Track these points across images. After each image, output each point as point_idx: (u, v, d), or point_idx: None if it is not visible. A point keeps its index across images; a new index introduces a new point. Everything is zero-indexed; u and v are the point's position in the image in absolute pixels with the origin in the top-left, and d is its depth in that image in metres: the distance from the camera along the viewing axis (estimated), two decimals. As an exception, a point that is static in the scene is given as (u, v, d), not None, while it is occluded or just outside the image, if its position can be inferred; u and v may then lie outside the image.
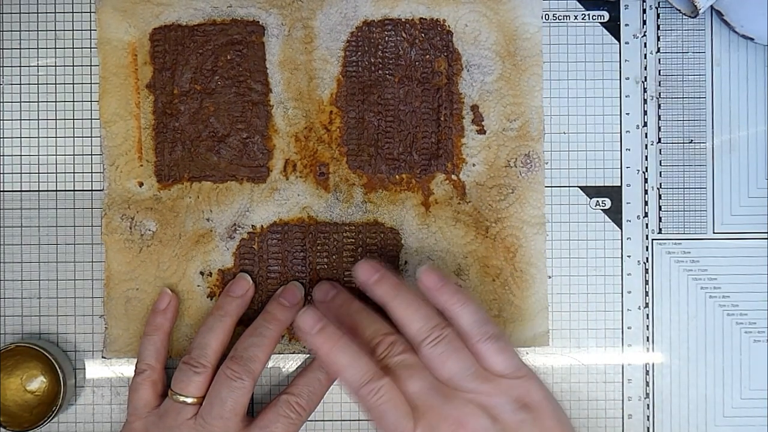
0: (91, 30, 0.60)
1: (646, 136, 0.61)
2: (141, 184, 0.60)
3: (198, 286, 0.60)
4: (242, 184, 0.60)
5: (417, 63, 0.60)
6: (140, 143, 0.60)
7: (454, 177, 0.60)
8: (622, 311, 0.61)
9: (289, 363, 0.61)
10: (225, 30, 0.60)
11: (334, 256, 0.60)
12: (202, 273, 0.60)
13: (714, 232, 0.61)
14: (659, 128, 0.61)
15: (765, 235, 0.61)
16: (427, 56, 0.60)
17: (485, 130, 0.60)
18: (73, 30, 0.61)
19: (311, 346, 0.52)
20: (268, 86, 0.60)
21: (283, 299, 0.58)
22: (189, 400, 0.55)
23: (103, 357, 0.60)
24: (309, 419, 0.60)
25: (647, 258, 0.61)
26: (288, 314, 0.58)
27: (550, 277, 0.60)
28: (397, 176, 0.60)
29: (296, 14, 0.60)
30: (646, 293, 0.61)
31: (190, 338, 0.59)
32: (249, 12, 0.60)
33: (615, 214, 0.61)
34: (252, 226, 0.60)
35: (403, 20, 0.60)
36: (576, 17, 0.61)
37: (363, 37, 0.60)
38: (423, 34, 0.60)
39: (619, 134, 0.61)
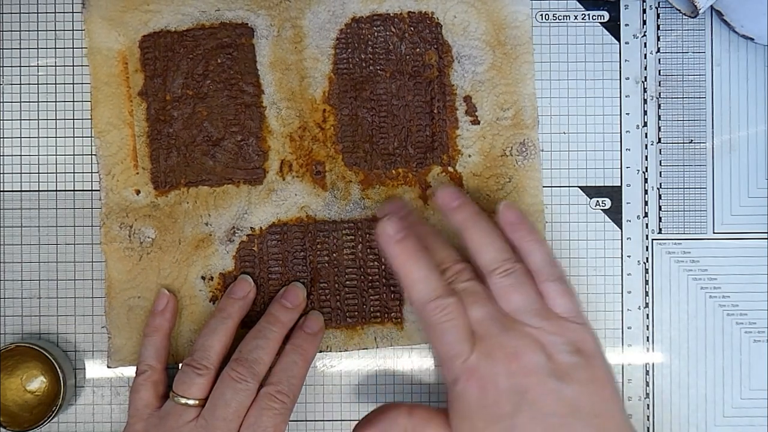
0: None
1: (646, 136, 0.61)
2: (138, 192, 0.60)
3: (200, 290, 0.60)
4: (239, 186, 0.60)
5: (407, 57, 0.60)
6: (135, 151, 0.60)
7: (450, 169, 0.60)
8: (622, 311, 0.61)
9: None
10: (214, 34, 0.60)
11: (334, 254, 0.60)
12: (203, 277, 0.60)
13: (714, 232, 0.61)
14: (659, 128, 0.61)
15: (765, 235, 0.61)
16: (417, 50, 0.60)
17: (479, 121, 0.60)
18: (73, 30, 0.60)
19: (389, 253, 0.53)
20: (260, 88, 0.60)
21: (285, 301, 0.58)
22: (191, 402, 0.55)
23: (108, 367, 0.60)
24: (309, 419, 0.60)
25: (647, 258, 0.61)
26: (290, 315, 0.58)
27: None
28: (393, 171, 0.60)
29: (284, 14, 0.60)
30: (646, 293, 0.61)
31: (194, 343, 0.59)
32: (237, 14, 0.60)
33: (615, 214, 0.61)
34: (251, 228, 0.60)
35: (391, 15, 0.60)
36: (576, 17, 0.61)
37: (352, 34, 0.60)
38: (412, 28, 0.60)
39: (619, 134, 0.61)
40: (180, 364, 0.59)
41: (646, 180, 0.61)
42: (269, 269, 0.60)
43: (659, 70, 0.61)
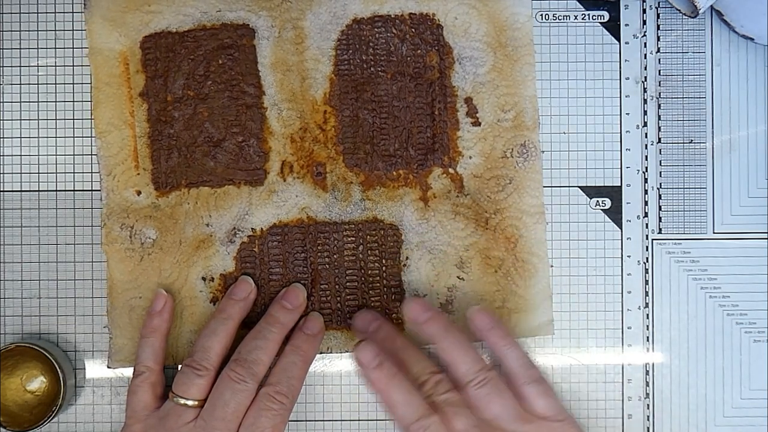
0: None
1: (646, 136, 0.61)
2: (139, 193, 0.60)
3: (200, 291, 0.60)
4: (240, 187, 0.60)
5: (408, 58, 0.60)
6: (136, 152, 0.60)
7: (451, 170, 0.60)
8: (622, 311, 0.61)
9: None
10: (215, 35, 0.60)
11: (335, 256, 0.60)
12: (204, 278, 0.60)
13: (714, 232, 0.61)
14: (659, 128, 0.61)
15: (765, 235, 0.61)
16: (419, 51, 0.60)
17: (480, 122, 0.60)
18: (73, 30, 0.60)
19: (367, 380, 0.54)
20: (261, 89, 0.60)
21: (285, 302, 0.58)
22: (190, 403, 0.55)
23: (108, 367, 0.60)
24: (310, 419, 0.60)
25: (647, 258, 0.61)
26: (290, 316, 0.58)
27: (550, 276, 0.60)
28: (394, 172, 0.60)
29: (285, 15, 0.60)
30: (646, 293, 0.61)
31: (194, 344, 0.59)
32: (238, 15, 0.60)
33: (615, 214, 0.61)
34: (252, 229, 0.60)
35: (392, 16, 0.60)
36: (576, 17, 0.61)
37: (353, 35, 0.60)
38: (413, 29, 0.60)
39: (619, 134, 0.61)
40: (180, 365, 0.59)
41: (646, 180, 0.61)
42: (270, 270, 0.60)
43: (659, 70, 0.61)
